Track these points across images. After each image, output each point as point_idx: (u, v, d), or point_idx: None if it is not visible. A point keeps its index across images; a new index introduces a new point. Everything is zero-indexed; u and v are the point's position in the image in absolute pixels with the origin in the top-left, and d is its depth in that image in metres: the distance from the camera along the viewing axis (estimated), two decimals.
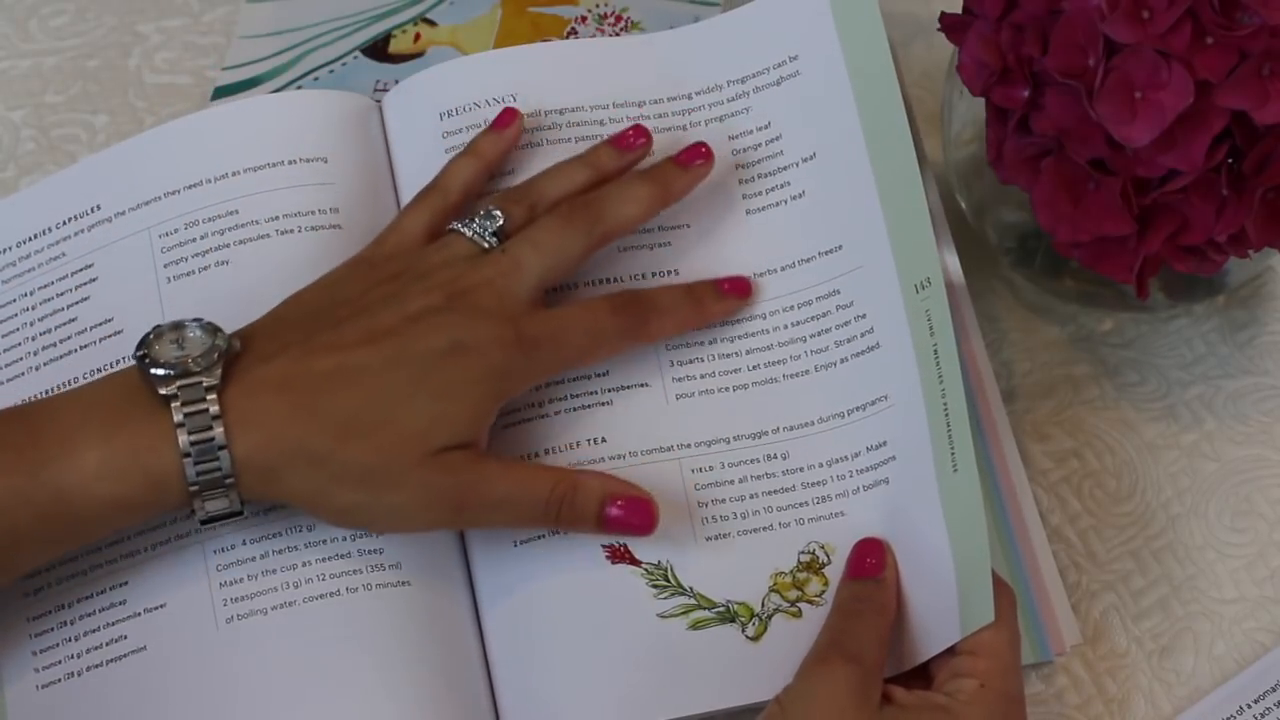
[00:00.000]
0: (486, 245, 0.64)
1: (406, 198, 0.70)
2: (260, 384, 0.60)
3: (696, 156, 0.68)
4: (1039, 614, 0.67)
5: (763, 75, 0.70)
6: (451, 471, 0.60)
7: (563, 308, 0.64)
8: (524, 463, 0.64)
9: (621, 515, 0.62)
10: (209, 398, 0.59)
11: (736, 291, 0.67)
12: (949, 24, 0.67)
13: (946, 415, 0.62)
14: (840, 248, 0.67)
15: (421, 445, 0.60)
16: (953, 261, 0.71)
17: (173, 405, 0.59)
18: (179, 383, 0.60)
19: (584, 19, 0.80)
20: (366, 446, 0.59)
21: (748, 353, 0.67)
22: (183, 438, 0.59)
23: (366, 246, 0.66)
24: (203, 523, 0.61)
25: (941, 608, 0.61)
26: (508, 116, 0.69)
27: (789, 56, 0.70)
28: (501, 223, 0.64)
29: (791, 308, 0.68)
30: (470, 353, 0.61)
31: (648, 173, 0.67)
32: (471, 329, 0.61)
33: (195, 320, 0.62)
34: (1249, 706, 0.66)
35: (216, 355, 0.60)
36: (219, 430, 0.59)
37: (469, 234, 0.64)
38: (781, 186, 0.69)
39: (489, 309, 0.62)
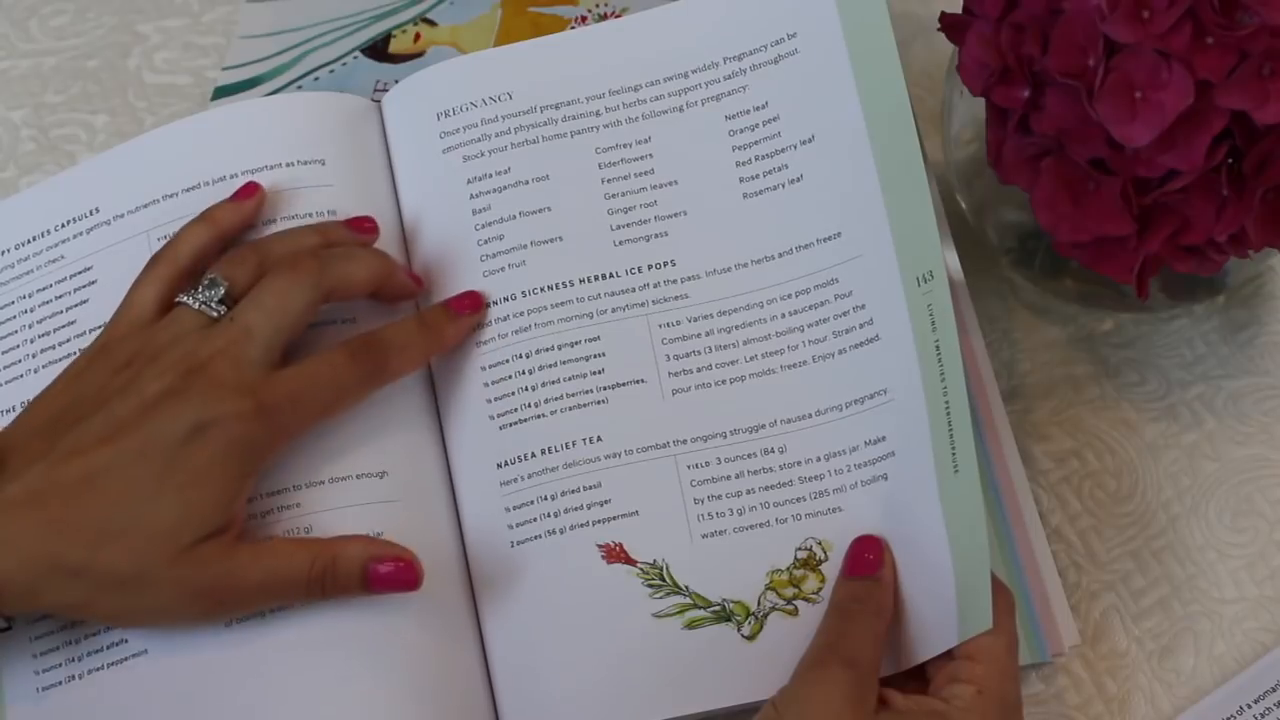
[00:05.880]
0: (214, 314, 0.63)
1: (405, 198, 0.70)
2: (11, 505, 0.59)
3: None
4: (1038, 615, 0.67)
5: (760, 53, 0.69)
6: (205, 565, 0.60)
7: (300, 365, 0.62)
8: (279, 542, 0.63)
9: (389, 573, 0.62)
10: None
11: (470, 307, 0.67)
12: (949, 24, 0.67)
13: (948, 414, 0.62)
14: (839, 234, 0.66)
15: (172, 542, 0.59)
16: (953, 261, 0.71)
17: None
18: None
19: (584, 19, 0.80)
20: (119, 552, 0.59)
21: (745, 343, 0.67)
22: None
23: (103, 330, 0.65)
24: None
25: (939, 611, 0.61)
26: (249, 190, 0.68)
27: (787, 34, 0.69)
28: (225, 289, 0.63)
29: (789, 296, 0.67)
30: (211, 433, 0.60)
31: (376, 250, 0.67)
32: (209, 408, 0.60)
33: None
34: (1249, 706, 0.66)
35: None
36: None
37: (195, 305, 0.63)
38: (779, 169, 0.68)
39: (224, 382, 0.60)
